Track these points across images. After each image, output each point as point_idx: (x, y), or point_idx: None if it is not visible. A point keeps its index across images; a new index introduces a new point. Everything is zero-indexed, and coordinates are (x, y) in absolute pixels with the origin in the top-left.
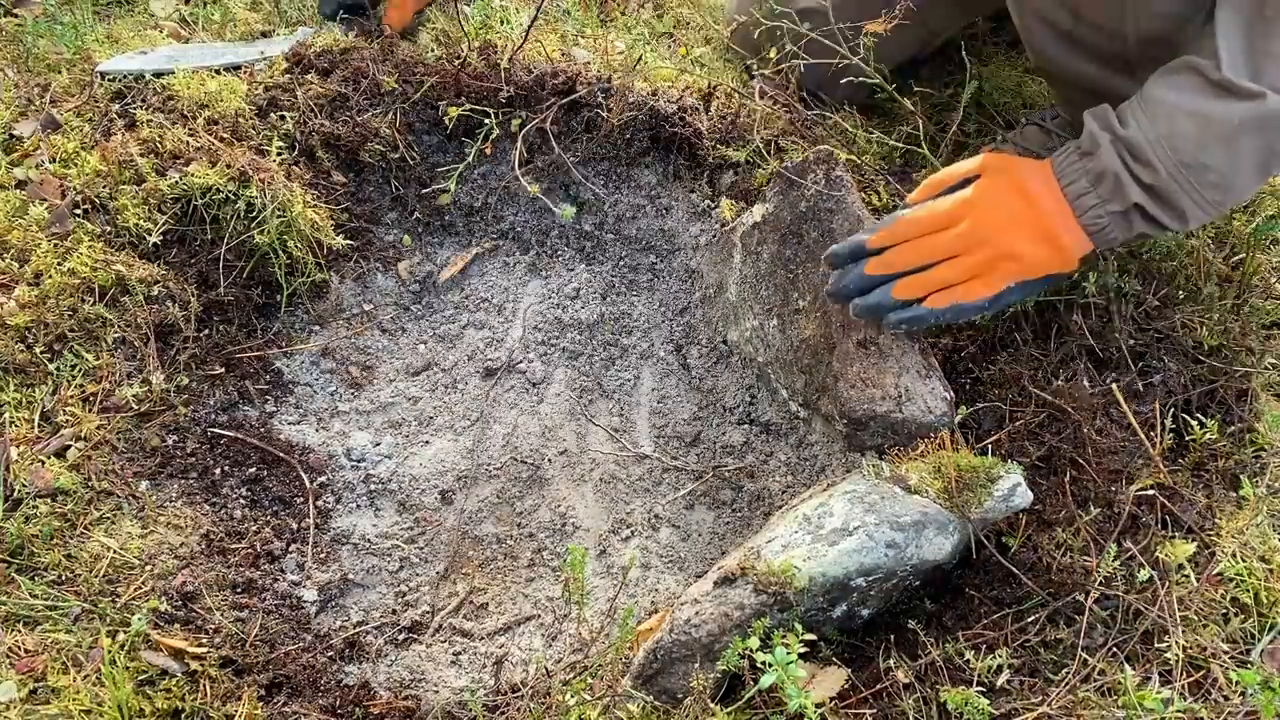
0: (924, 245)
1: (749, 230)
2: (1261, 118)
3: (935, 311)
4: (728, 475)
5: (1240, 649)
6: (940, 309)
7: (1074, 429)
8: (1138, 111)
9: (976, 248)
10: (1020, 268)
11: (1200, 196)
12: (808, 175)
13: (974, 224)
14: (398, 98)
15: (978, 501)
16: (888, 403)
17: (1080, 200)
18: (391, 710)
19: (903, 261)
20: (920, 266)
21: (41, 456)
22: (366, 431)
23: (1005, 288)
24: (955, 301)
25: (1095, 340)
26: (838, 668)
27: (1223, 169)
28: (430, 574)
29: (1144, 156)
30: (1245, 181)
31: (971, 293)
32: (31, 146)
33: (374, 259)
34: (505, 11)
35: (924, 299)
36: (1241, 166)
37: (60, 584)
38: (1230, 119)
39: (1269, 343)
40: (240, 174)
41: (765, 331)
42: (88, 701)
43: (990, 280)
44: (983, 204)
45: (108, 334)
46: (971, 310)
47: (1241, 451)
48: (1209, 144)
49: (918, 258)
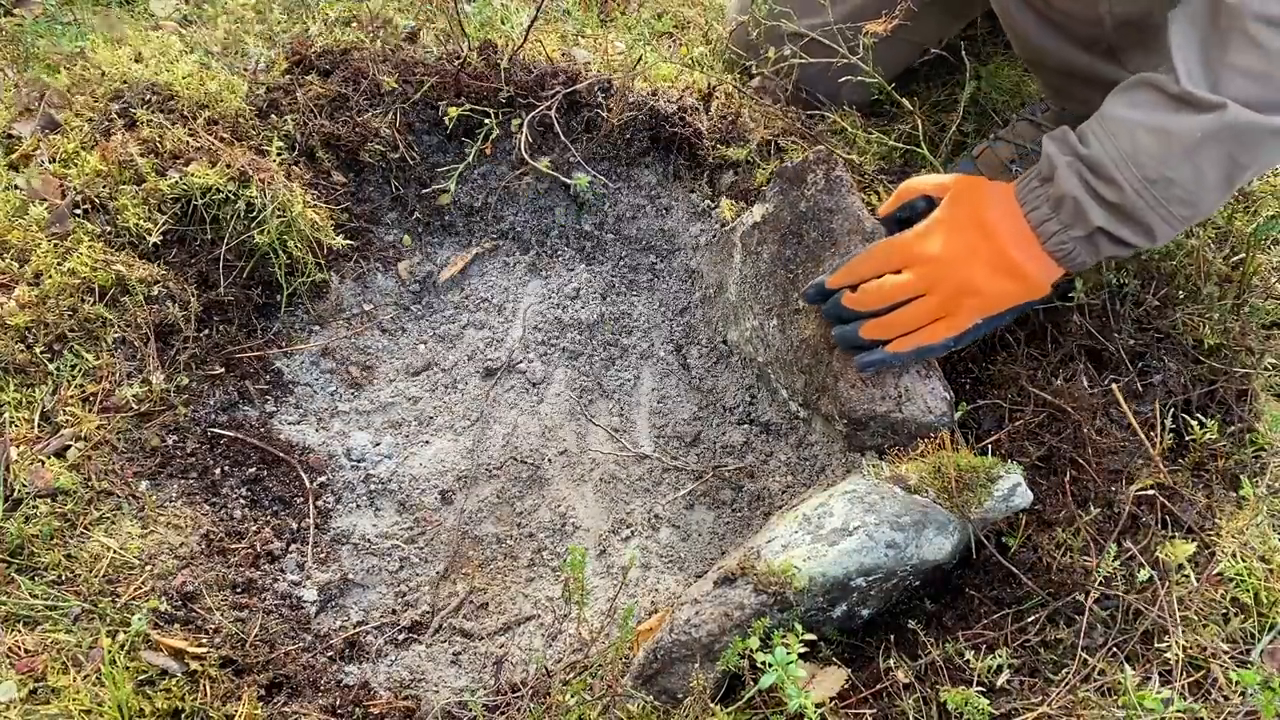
0: (885, 288)
1: (749, 230)
2: (1222, 129)
3: (900, 355)
4: (728, 475)
5: (1240, 649)
6: (904, 353)
7: (1074, 429)
8: (1098, 130)
9: (937, 286)
10: (982, 303)
11: (1167, 212)
12: (808, 175)
13: (933, 264)
14: (398, 98)
15: (978, 501)
16: (888, 402)
17: (1043, 226)
18: (391, 710)
19: (868, 303)
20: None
21: (41, 456)
22: (366, 431)
23: (970, 325)
24: (919, 345)
25: (1095, 340)
26: (838, 668)
27: (1188, 183)
28: (430, 574)
29: (1108, 174)
30: (1211, 194)
31: (935, 334)
32: (31, 147)
33: (374, 259)
34: (505, 11)
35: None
36: (1206, 179)
37: (60, 584)
38: (1192, 132)
39: (1269, 343)
40: (240, 174)
41: (765, 331)
42: (88, 701)
43: (954, 321)
44: (941, 241)
45: (108, 334)
46: (938, 350)
47: (1241, 451)
48: (1172, 158)
49: (879, 301)
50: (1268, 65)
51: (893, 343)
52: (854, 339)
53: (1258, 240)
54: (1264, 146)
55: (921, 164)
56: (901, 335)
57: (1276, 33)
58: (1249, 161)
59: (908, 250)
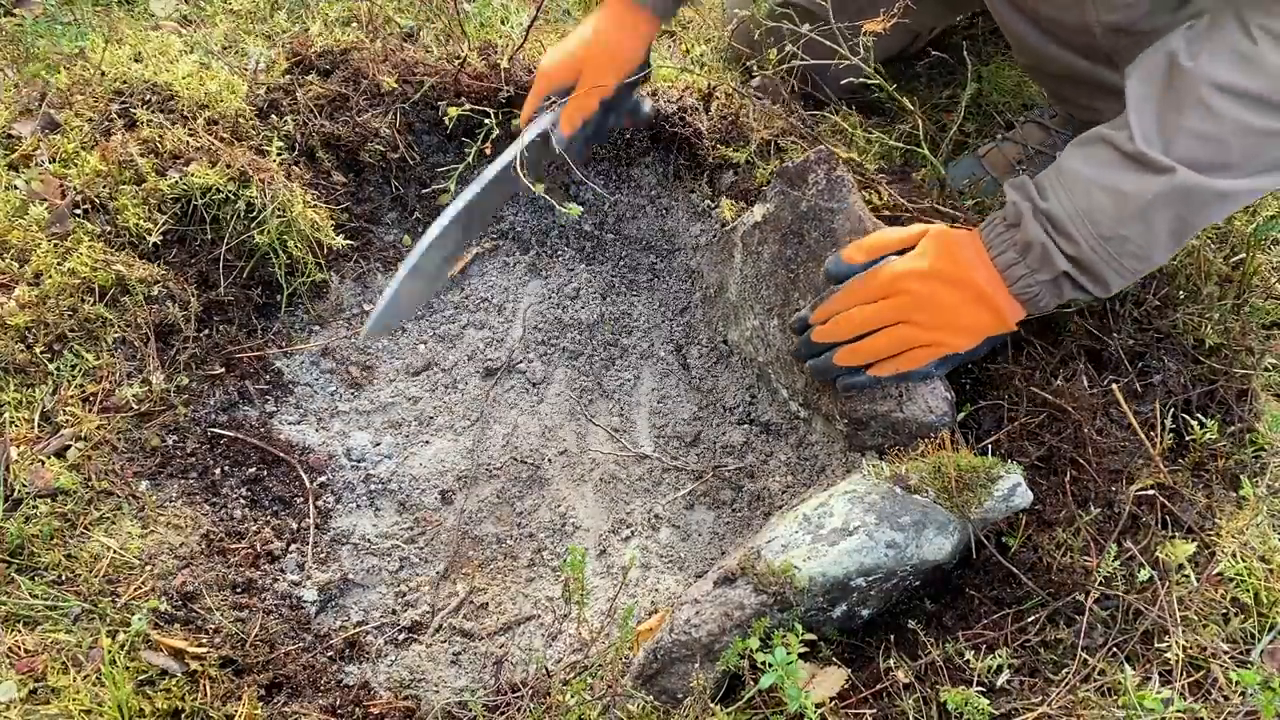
0: (855, 317)
1: (749, 230)
2: (1173, 191)
3: (880, 379)
4: (728, 475)
5: (1240, 649)
6: (885, 377)
7: (1074, 429)
8: (1056, 185)
9: (914, 315)
10: (960, 334)
11: (1120, 265)
12: (809, 175)
13: (911, 295)
14: (398, 98)
15: (978, 501)
16: (889, 402)
17: (1010, 270)
18: (391, 710)
19: (839, 332)
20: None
21: (41, 456)
22: (366, 431)
23: (947, 355)
24: (899, 370)
25: (1094, 340)
26: (838, 668)
27: (1140, 240)
28: (430, 574)
29: (1065, 230)
30: (1161, 249)
31: (916, 359)
32: (31, 147)
33: (374, 259)
34: (505, 11)
35: (868, 366)
36: (1157, 237)
37: (60, 584)
38: (1144, 193)
39: (1269, 342)
40: (240, 174)
41: (766, 331)
42: (88, 701)
43: (934, 349)
44: (918, 276)
45: (108, 334)
46: (917, 376)
47: (1241, 451)
48: (1126, 218)
49: (849, 330)
50: (1218, 130)
51: (876, 366)
52: (829, 368)
53: (1258, 240)
54: (1211, 207)
55: (922, 164)
56: (882, 360)
57: (1228, 99)
58: (1197, 221)
59: (885, 283)
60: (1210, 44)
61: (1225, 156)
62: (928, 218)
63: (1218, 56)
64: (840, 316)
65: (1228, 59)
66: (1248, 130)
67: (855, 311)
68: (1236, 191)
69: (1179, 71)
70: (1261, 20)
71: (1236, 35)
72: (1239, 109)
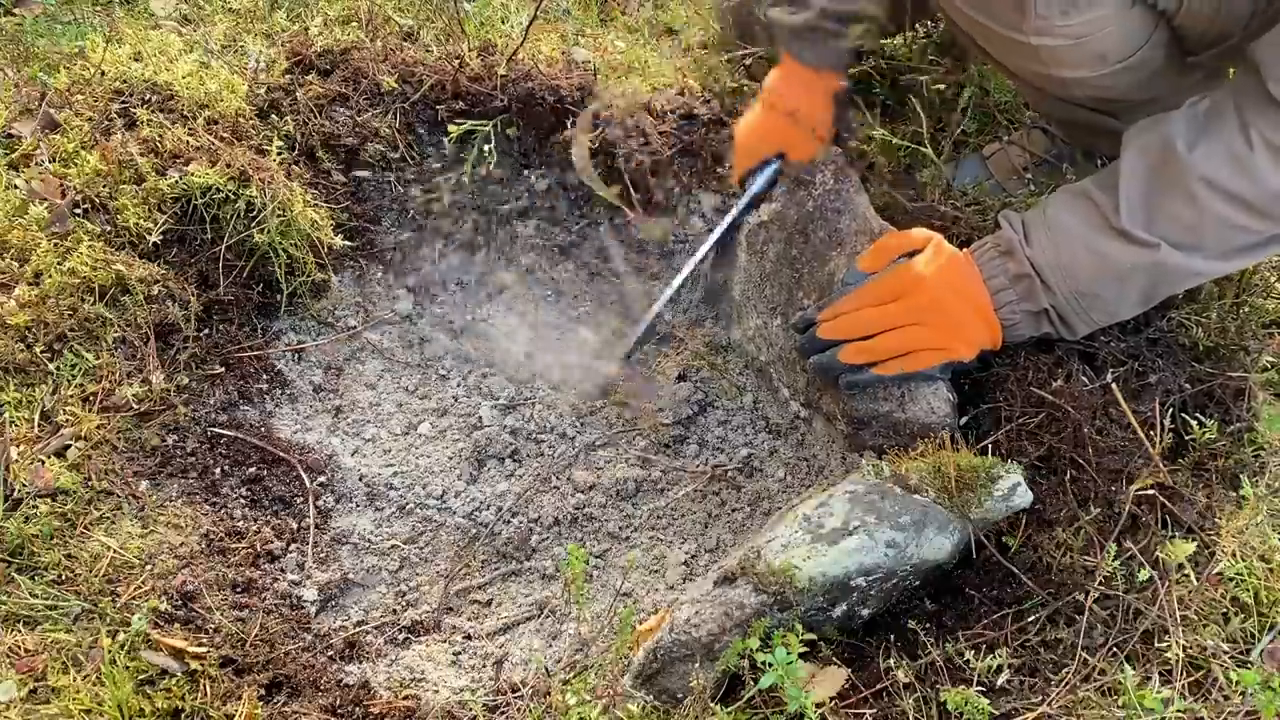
0: (861, 318)
1: (755, 229)
2: (1152, 265)
3: (884, 378)
4: (728, 475)
5: (1240, 649)
6: (889, 376)
7: (1074, 429)
8: (1042, 234)
9: (930, 317)
10: (966, 342)
11: (1088, 317)
12: (816, 175)
13: (931, 297)
14: (398, 98)
15: (978, 501)
16: (890, 402)
17: (999, 295)
18: (391, 710)
19: (846, 330)
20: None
21: (41, 456)
22: (367, 431)
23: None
24: (903, 370)
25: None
26: (838, 668)
27: (1111, 299)
28: (430, 574)
29: (1045, 278)
30: (1129, 308)
31: (922, 361)
32: (31, 147)
33: (374, 259)
34: (505, 11)
35: (874, 365)
36: (1127, 298)
37: (60, 584)
38: (1124, 262)
39: (1267, 342)
40: (240, 174)
41: (768, 330)
42: (88, 701)
43: (942, 352)
44: (933, 278)
45: (108, 334)
46: (920, 377)
47: (1241, 451)
48: (1104, 279)
49: (855, 329)
50: (1199, 219)
51: (882, 365)
52: (833, 365)
53: None
54: (1183, 281)
55: (924, 163)
56: (888, 359)
57: (1214, 195)
58: (1167, 290)
59: (896, 286)
60: (1208, 140)
61: (1199, 240)
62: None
63: (1213, 155)
64: (847, 317)
65: (1221, 158)
66: (1225, 223)
67: (866, 312)
68: (1210, 271)
69: (1174, 158)
70: (1261, 128)
71: (1234, 135)
72: (1221, 204)
